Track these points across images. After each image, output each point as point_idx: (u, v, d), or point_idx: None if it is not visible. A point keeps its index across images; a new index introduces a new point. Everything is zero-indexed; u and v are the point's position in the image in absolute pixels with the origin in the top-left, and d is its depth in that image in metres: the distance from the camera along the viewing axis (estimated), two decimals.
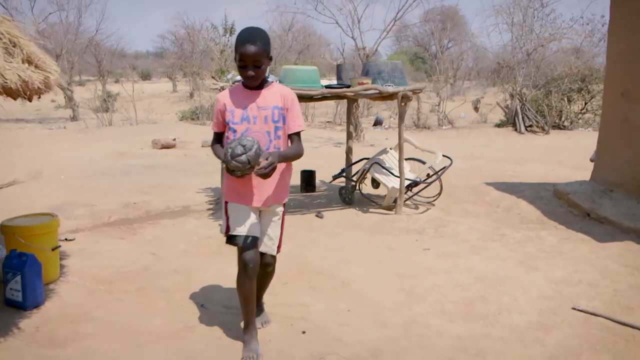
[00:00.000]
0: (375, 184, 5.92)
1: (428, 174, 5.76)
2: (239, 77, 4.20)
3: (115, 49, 28.91)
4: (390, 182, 5.51)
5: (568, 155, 10.29)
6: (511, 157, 10.00)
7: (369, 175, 5.80)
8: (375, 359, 2.75)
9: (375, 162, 5.58)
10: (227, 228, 2.72)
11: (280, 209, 2.85)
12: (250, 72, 2.55)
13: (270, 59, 2.66)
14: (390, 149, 5.97)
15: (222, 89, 5.18)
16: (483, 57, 27.06)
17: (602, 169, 5.92)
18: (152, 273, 3.95)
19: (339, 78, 5.51)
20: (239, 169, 2.43)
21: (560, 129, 15.41)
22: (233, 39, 20.66)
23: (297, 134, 2.70)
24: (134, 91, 16.71)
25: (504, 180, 7.36)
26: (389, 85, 5.15)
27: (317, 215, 5.45)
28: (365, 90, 4.97)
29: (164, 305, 3.38)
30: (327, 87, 5.11)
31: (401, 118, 5.30)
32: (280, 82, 5.15)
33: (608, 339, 2.92)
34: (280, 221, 2.87)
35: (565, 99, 15.62)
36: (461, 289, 3.61)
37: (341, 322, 3.16)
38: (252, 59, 2.52)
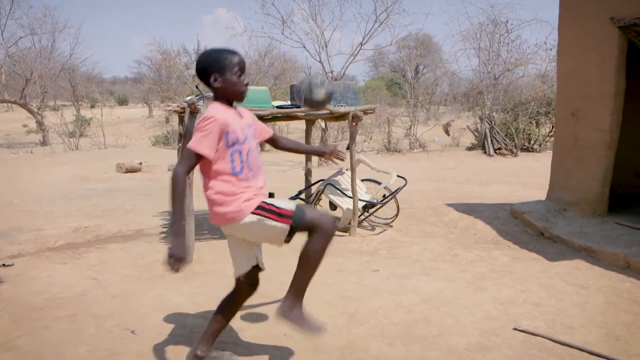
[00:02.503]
0: (333, 205, 5.86)
1: (384, 195, 5.71)
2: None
3: (91, 74, 28.75)
4: (345, 204, 5.45)
5: (533, 176, 10.39)
6: (477, 179, 10.06)
7: (324, 197, 5.73)
8: None
9: (329, 183, 5.52)
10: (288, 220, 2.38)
11: None
12: (247, 81, 2.44)
13: None
14: (347, 169, 5.92)
15: (180, 108, 5.09)
16: (458, 82, 27.67)
17: (556, 188, 5.96)
18: (88, 299, 3.78)
19: (292, 99, 5.47)
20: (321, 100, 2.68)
21: (529, 151, 15.66)
22: None
23: (274, 132, 2.77)
24: (109, 116, 16.59)
25: (467, 201, 7.37)
26: (341, 106, 5.13)
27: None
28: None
29: (93, 332, 3.22)
30: (278, 107, 5.07)
31: (352, 138, 5.27)
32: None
33: (545, 359, 2.86)
34: None
35: (534, 122, 15.93)
36: (405, 310, 3.53)
37: (275, 347, 3.05)
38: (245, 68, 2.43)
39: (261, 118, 4.92)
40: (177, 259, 2.28)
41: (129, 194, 8.12)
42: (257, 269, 2.68)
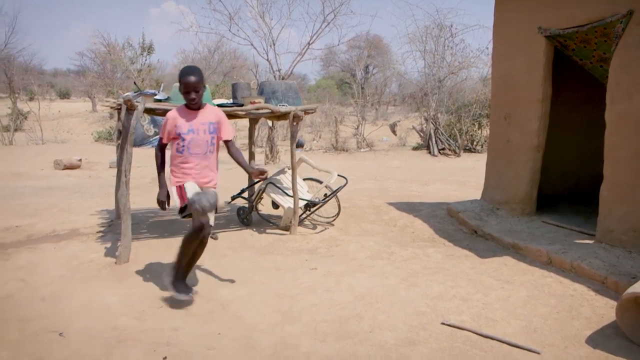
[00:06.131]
0: (275, 204, 5.88)
1: (325, 194, 5.79)
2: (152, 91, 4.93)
3: (28, 65, 27.34)
4: (287, 202, 5.48)
5: (473, 176, 10.78)
6: (420, 178, 10.34)
7: (266, 196, 5.75)
8: None
9: (270, 182, 5.54)
10: (185, 198, 3.51)
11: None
12: (192, 96, 3.55)
13: (204, 86, 3.70)
14: (288, 168, 5.96)
15: (117, 104, 4.99)
16: (407, 83, 28.28)
17: (490, 188, 6.23)
18: (14, 301, 3.64)
19: (234, 97, 5.46)
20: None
21: (471, 152, 16.23)
22: (151, 58, 20.31)
23: (231, 140, 3.80)
24: (48, 109, 15.88)
25: (407, 200, 7.57)
26: (282, 105, 5.16)
27: (211, 237, 5.29)
28: (257, 109, 4.95)
29: (16, 336, 3.10)
30: (218, 105, 5.03)
31: (293, 137, 5.31)
32: (170, 99, 5.04)
33: (469, 352, 2.99)
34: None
35: (476, 124, 16.51)
36: (339, 307, 3.60)
37: (209, 346, 3.04)
38: (193, 87, 3.53)
39: None
40: (160, 202, 3.73)
41: (66, 192, 7.83)
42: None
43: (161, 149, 3.73)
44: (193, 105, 3.62)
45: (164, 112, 4.91)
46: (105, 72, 25.48)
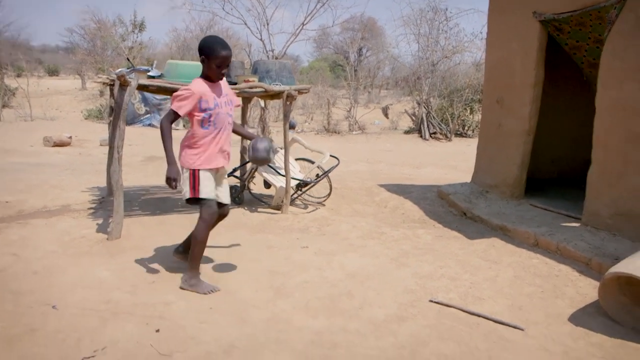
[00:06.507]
0: (267, 183, 5.91)
1: (317, 174, 5.82)
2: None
3: (16, 40, 26.91)
4: (279, 182, 5.51)
5: (464, 160, 10.86)
6: (411, 162, 10.41)
7: (259, 175, 5.77)
8: (226, 356, 2.71)
9: None
10: (197, 192, 3.42)
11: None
12: (224, 70, 3.45)
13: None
14: (281, 148, 5.97)
15: (110, 80, 4.96)
16: (401, 66, 28.23)
17: (480, 171, 6.30)
18: (7, 274, 3.66)
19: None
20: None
21: (463, 136, 16.31)
22: (143, 35, 20.00)
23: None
24: (36, 86, 15.67)
25: (399, 182, 7.63)
26: (276, 84, 5.16)
27: None
28: (251, 88, 4.94)
29: (11, 308, 3.13)
30: None
31: (286, 117, 5.32)
32: (163, 76, 5.02)
33: (456, 328, 3.07)
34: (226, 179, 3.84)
35: (468, 109, 16.56)
36: (330, 285, 3.66)
37: (201, 320, 3.09)
38: (229, 61, 3.43)
39: None
40: (171, 179, 3.36)
41: (56, 169, 7.80)
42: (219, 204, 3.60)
43: (172, 122, 3.44)
44: (219, 79, 3.50)
45: (157, 89, 4.89)
46: (95, 49, 25.13)
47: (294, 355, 2.73)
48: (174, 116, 3.39)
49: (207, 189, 3.44)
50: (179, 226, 4.91)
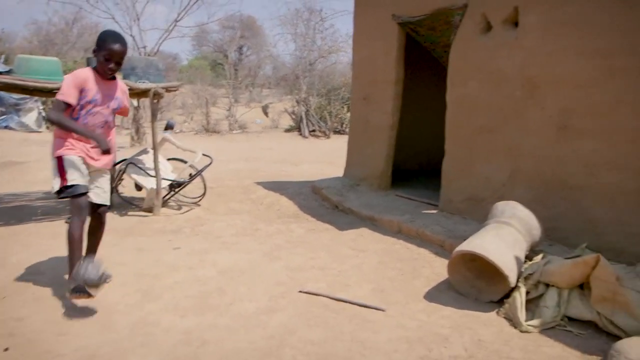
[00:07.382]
0: (138, 186, 5.67)
1: (191, 174, 5.71)
2: None
3: None
4: (150, 183, 5.32)
5: (341, 156, 11.22)
6: (290, 159, 10.60)
7: (128, 177, 5.52)
8: None
9: (130, 163, 5.32)
10: (64, 180, 3.14)
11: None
12: (111, 66, 3.17)
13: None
14: (151, 148, 5.77)
15: None
16: (281, 66, 28.43)
17: (351, 165, 6.62)
18: None
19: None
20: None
21: (341, 134, 16.93)
22: None
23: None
24: None
25: (277, 179, 7.73)
26: (142, 82, 4.97)
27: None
28: None
29: None
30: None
31: (153, 116, 5.15)
32: (13, 72, 4.60)
33: (323, 315, 3.21)
34: (108, 178, 3.52)
35: (345, 107, 17.23)
36: (201, 283, 3.63)
37: (59, 332, 2.89)
38: (119, 56, 3.17)
39: (50, 91, 4.54)
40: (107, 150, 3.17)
41: None
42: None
43: (64, 111, 3.12)
44: (107, 75, 3.21)
45: (5, 86, 4.47)
46: None
47: (161, 357, 2.68)
48: (64, 106, 3.10)
49: (75, 175, 3.19)
50: (37, 235, 4.55)
